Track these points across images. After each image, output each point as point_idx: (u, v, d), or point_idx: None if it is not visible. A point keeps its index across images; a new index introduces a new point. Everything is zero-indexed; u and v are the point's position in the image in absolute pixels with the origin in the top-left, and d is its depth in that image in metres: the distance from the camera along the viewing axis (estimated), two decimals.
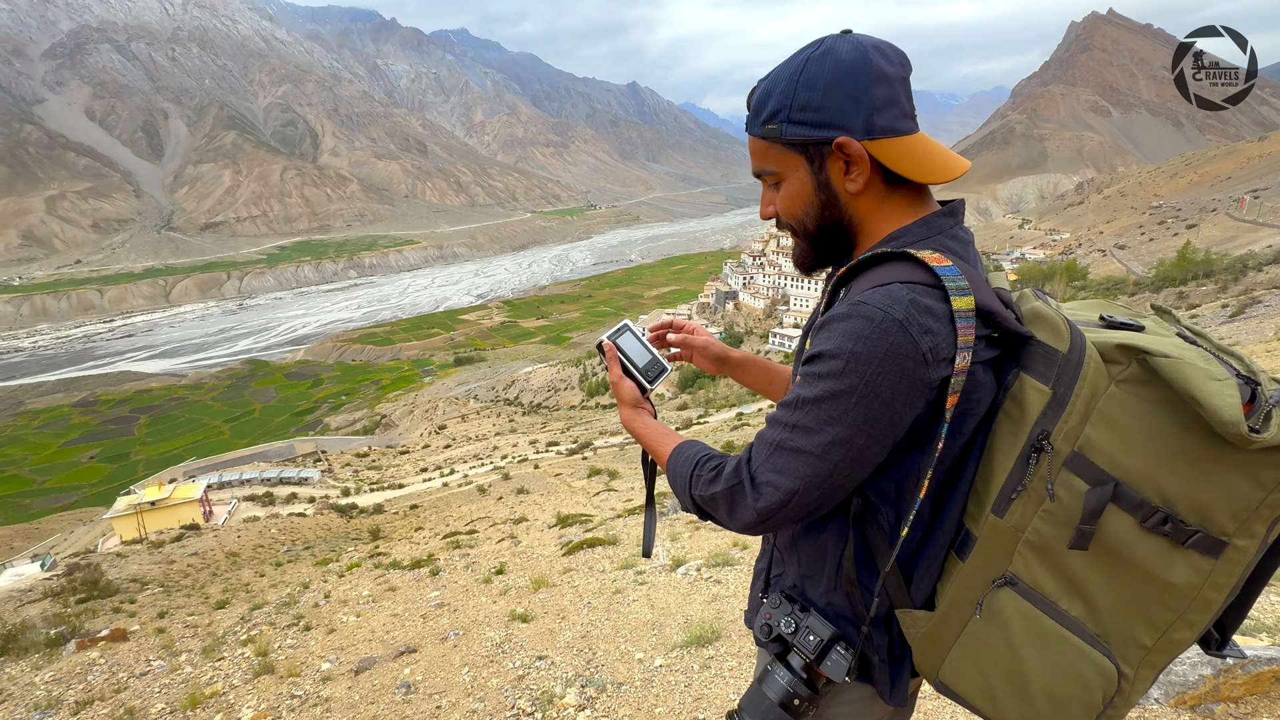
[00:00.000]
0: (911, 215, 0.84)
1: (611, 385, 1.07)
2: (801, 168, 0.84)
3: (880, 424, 0.73)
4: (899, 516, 0.80)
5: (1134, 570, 0.68)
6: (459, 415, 56.90)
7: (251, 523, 23.03)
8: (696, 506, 0.87)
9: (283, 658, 4.95)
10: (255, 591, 9.81)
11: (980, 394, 0.75)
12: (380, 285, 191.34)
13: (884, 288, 0.74)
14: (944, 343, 0.72)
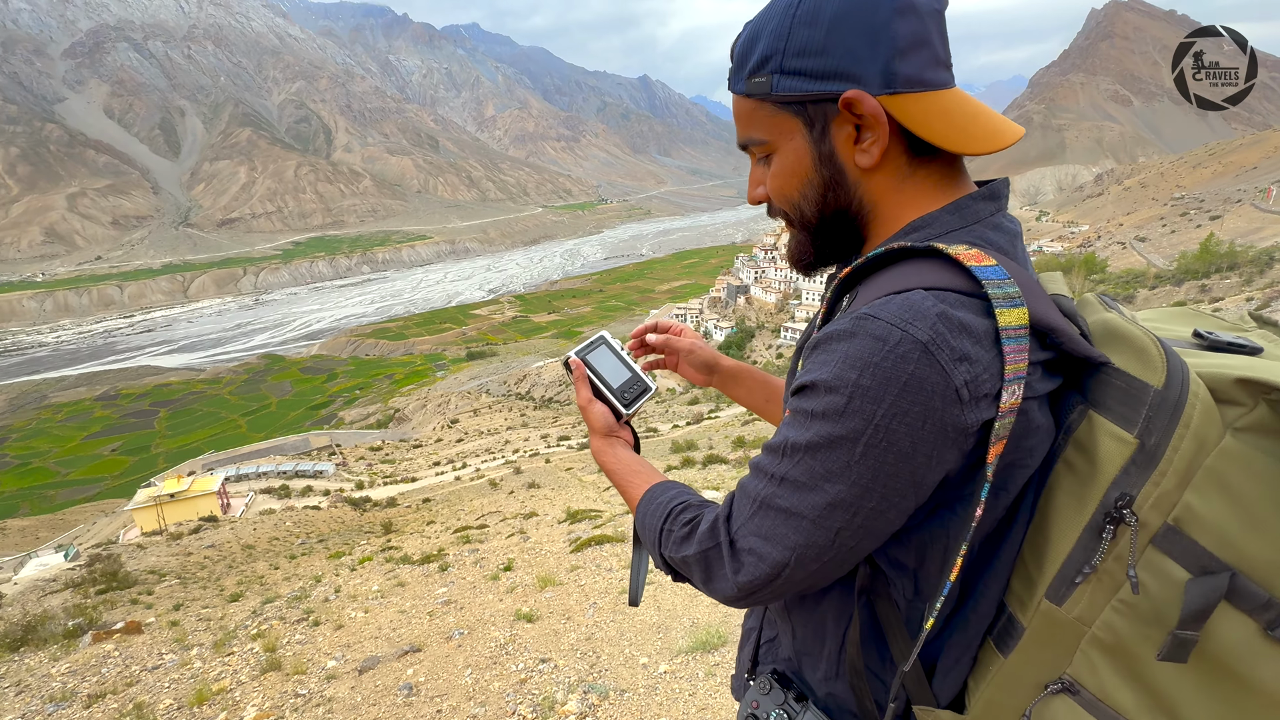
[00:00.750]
0: (940, 198, 0.64)
1: (580, 410, 0.88)
2: (798, 135, 0.65)
3: (896, 483, 0.55)
4: (917, 590, 0.62)
5: (1253, 694, 0.48)
6: (471, 409, 57.25)
7: (267, 515, 23.36)
8: (668, 566, 0.71)
9: (290, 654, 4.96)
10: (269, 584, 9.91)
11: (1035, 440, 0.56)
12: (393, 280, 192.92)
13: (902, 296, 0.55)
14: (986, 373, 0.53)
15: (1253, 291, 27.63)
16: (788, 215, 0.71)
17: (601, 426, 0.86)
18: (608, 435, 0.86)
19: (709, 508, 0.70)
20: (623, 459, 0.84)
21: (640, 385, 0.91)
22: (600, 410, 0.86)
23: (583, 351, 0.91)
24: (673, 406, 41.86)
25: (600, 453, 0.86)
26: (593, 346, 0.93)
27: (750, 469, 0.64)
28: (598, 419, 0.86)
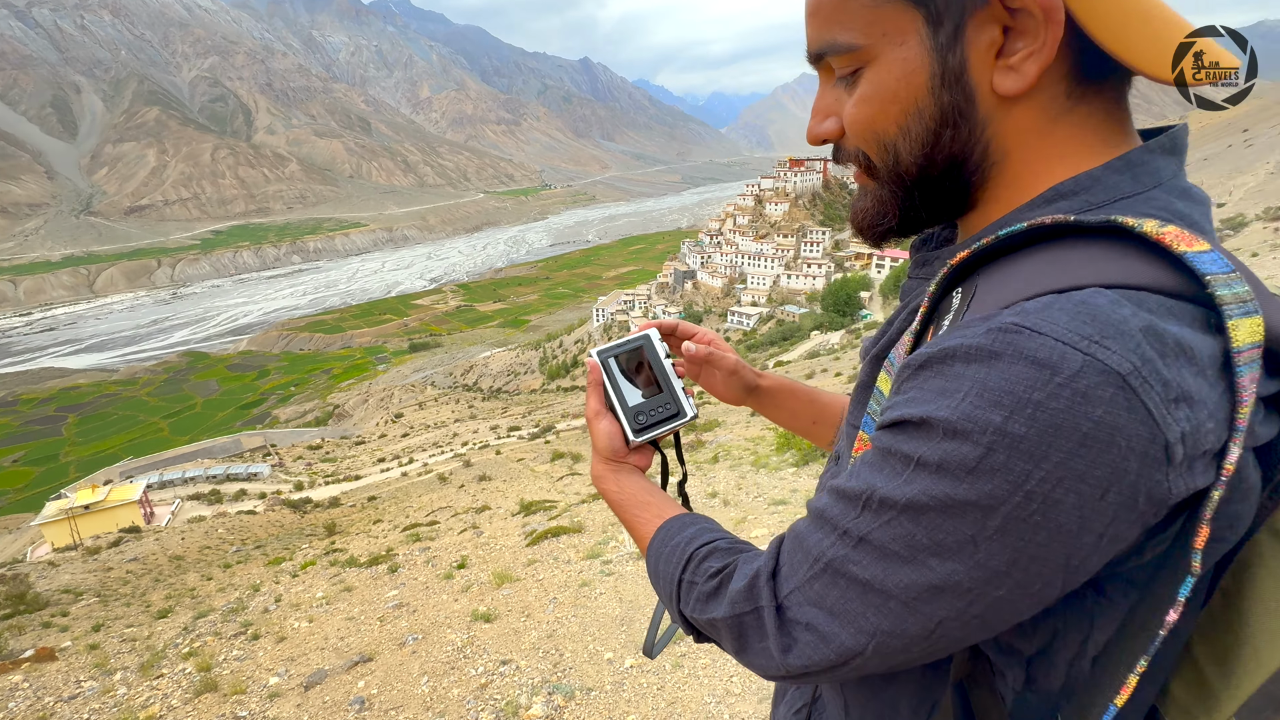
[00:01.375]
0: (1103, 149, 0.46)
1: (587, 421, 0.72)
2: (911, 38, 0.45)
3: (1042, 567, 0.38)
4: (1031, 681, 0.46)
5: None
6: (416, 403, 55.56)
7: (197, 523, 21.99)
8: (689, 626, 0.57)
9: (227, 672, 4.64)
10: (201, 597, 9.31)
11: (1244, 505, 0.40)
12: (327, 270, 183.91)
13: (1072, 298, 0.37)
14: (1211, 420, 0.36)
15: None
16: (869, 160, 0.51)
17: (604, 447, 0.70)
18: (611, 460, 0.70)
19: (744, 554, 0.55)
20: (627, 487, 0.68)
21: (668, 408, 0.71)
22: (607, 428, 0.70)
23: (608, 351, 0.73)
24: None
25: (599, 479, 0.71)
26: (624, 349, 0.73)
27: (811, 515, 0.48)
28: (601, 437, 0.70)
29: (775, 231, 76.36)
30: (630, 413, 0.69)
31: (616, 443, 0.69)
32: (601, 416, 0.70)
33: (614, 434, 0.69)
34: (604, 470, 0.71)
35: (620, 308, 77.73)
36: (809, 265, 68.81)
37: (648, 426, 0.69)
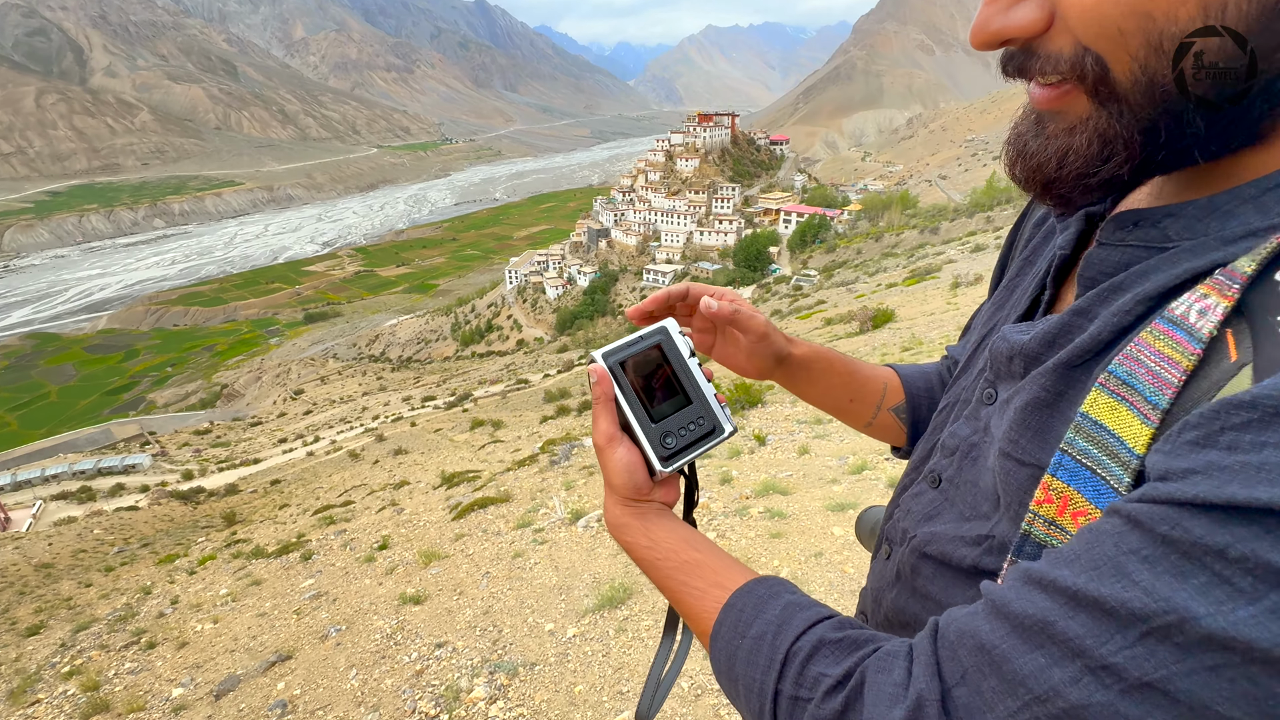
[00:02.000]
0: None
1: (596, 450, 0.56)
2: None
3: None
4: None
5: None
6: (317, 377, 51.92)
7: (66, 525, 19.65)
8: None
9: (120, 689, 4.20)
10: (79, 607, 8.36)
11: None
12: (199, 236, 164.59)
13: None
14: None
15: None
16: (1103, 68, 0.34)
17: (623, 484, 0.53)
18: (631, 502, 0.54)
19: (867, 649, 0.40)
20: (661, 539, 0.52)
21: (701, 423, 0.56)
22: (625, 458, 0.53)
23: (617, 354, 0.55)
24: (541, 356, 41.31)
25: (621, 529, 0.54)
26: (637, 349, 0.56)
27: (1004, 615, 0.33)
28: (618, 470, 0.53)
29: (687, 188, 76.68)
30: (655, 435, 0.54)
31: (639, 476, 0.53)
32: (616, 443, 0.53)
33: (634, 465, 0.53)
34: (626, 516, 0.54)
35: (534, 269, 75.73)
36: (720, 221, 69.97)
37: (679, 450, 0.54)
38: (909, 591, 0.52)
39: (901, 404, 0.73)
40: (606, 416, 0.53)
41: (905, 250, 34.55)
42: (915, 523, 0.53)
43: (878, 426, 0.74)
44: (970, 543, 0.44)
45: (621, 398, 0.53)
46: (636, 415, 0.53)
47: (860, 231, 54.32)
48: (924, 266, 21.56)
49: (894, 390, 0.74)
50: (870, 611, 0.60)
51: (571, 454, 7.91)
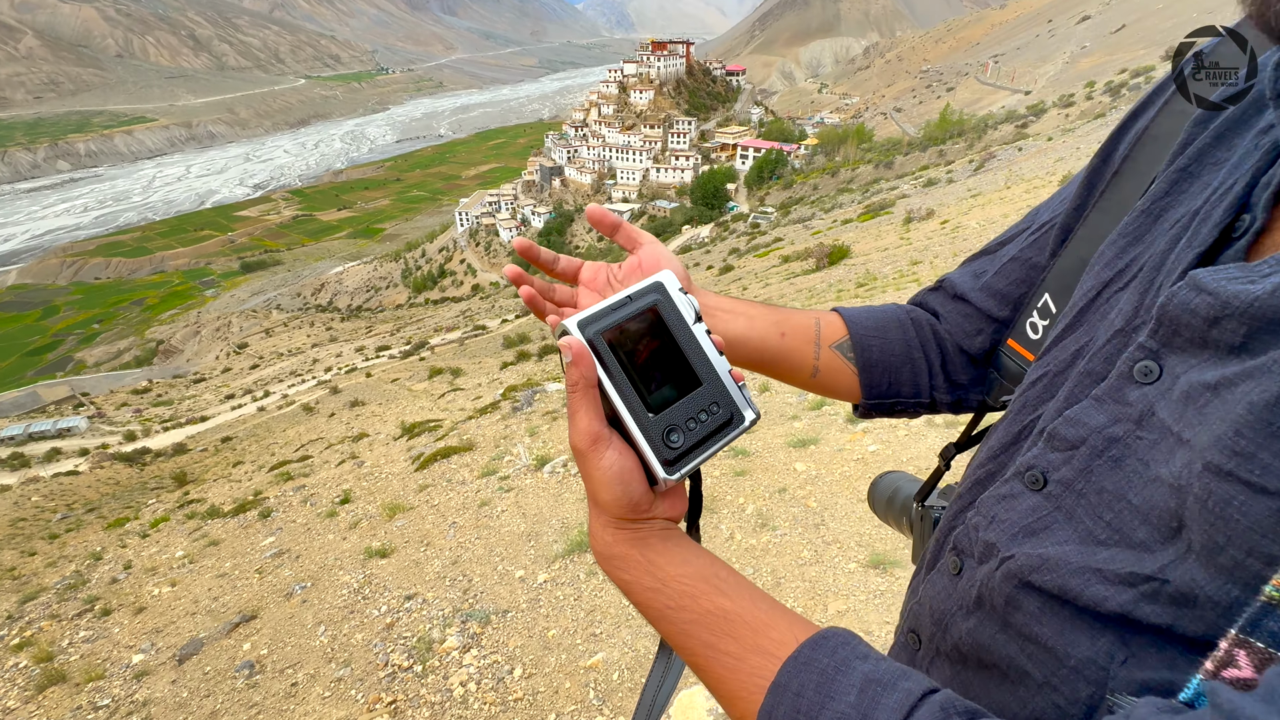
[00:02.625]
0: None
1: (575, 453, 0.42)
2: None
3: None
4: None
5: None
6: (261, 330, 49.56)
7: (1, 493, 18.65)
8: None
9: (76, 658, 4.07)
10: (24, 577, 8.03)
11: None
12: (112, 179, 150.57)
13: None
14: None
15: (973, 154, 33.58)
16: None
17: (615, 499, 0.40)
18: (627, 524, 0.41)
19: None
20: (673, 579, 0.40)
21: (718, 410, 0.43)
22: (614, 464, 0.40)
23: (597, 321, 0.42)
24: (498, 301, 40.33)
25: (614, 561, 0.42)
26: (626, 315, 0.43)
27: None
28: (607, 482, 0.40)
29: (642, 122, 74.00)
30: (656, 430, 0.41)
31: (636, 487, 0.40)
32: (603, 444, 0.39)
33: (629, 473, 0.40)
34: (621, 545, 0.41)
35: (485, 210, 72.83)
36: (676, 157, 68.28)
37: (689, 449, 0.41)
38: (998, 625, 0.39)
39: (845, 340, 0.64)
40: (588, 409, 0.39)
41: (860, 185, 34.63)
42: (1008, 537, 0.39)
43: (824, 372, 0.63)
44: (1115, 581, 0.32)
45: (608, 382, 0.40)
46: (630, 405, 0.40)
47: (816, 167, 54.04)
48: (878, 202, 21.70)
49: (832, 326, 0.65)
50: (927, 635, 0.47)
51: (534, 399, 7.85)
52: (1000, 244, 0.64)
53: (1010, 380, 0.60)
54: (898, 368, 0.64)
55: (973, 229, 12.25)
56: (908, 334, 0.65)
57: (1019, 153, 25.60)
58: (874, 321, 0.65)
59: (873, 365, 0.63)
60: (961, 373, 0.64)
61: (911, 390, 0.64)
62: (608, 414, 0.41)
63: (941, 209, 16.57)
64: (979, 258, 0.65)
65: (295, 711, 2.46)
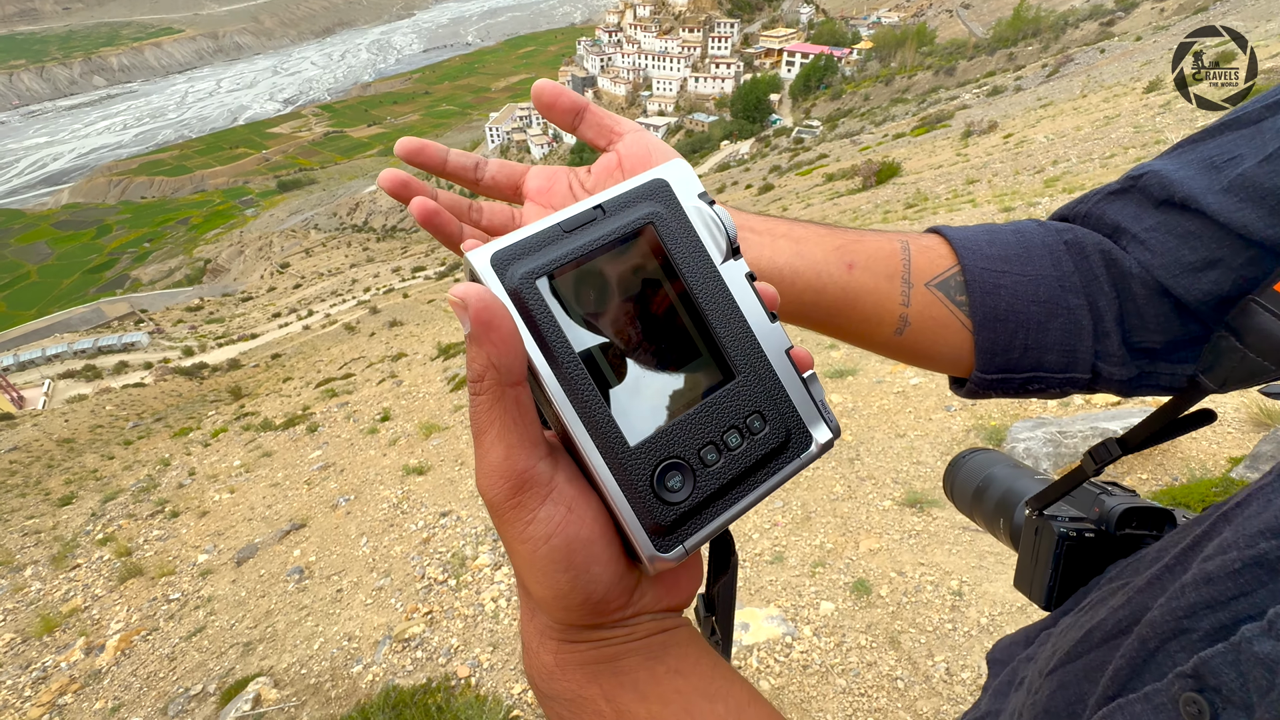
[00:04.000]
0: None
1: (490, 508, 0.24)
2: None
3: None
4: None
5: None
6: (301, 250, 50.53)
7: (79, 402, 20.22)
8: None
9: (151, 555, 4.46)
10: (105, 478, 8.79)
11: None
12: (147, 94, 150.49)
13: None
14: None
15: (1048, 58, 30.27)
16: None
17: (557, 598, 0.24)
18: (586, 633, 0.26)
19: None
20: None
21: (764, 424, 0.26)
22: (552, 534, 0.24)
23: (528, 257, 0.25)
24: None
25: (560, 706, 0.26)
26: (590, 237, 0.26)
27: None
28: (542, 567, 0.24)
29: (680, 25, 68.85)
30: (642, 464, 0.25)
31: (600, 574, 0.25)
32: (534, 494, 0.24)
33: (585, 546, 0.24)
34: (570, 676, 0.26)
35: (516, 125, 70.50)
36: (717, 65, 63.87)
37: (704, 502, 0.26)
38: None
39: (952, 274, 0.43)
40: (506, 427, 0.23)
41: (917, 95, 31.98)
42: None
43: (917, 327, 0.43)
44: None
45: (549, 375, 0.24)
46: (591, 418, 0.24)
47: (869, 74, 49.91)
48: (935, 114, 20.05)
49: (929, 254, 0.44)
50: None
51: None
52: (1268, 108, 0.38)
53: (1262, 349, 0.36)
54: (1042, 322, 0.42)
55: (1039, 144, 11.22)
56: (1061, 267, 0.43)
57: (1100, 55, 22.97)
58: (1002, 247, 0.44)
59: (1000, 317, 0.42)
60: (1155, 332, 0.41)
61: (1061, 359, 0.42)
62: (558, 431, 0.25)
63: (1006, 121, 15.17)
64: (1217, 135, 0.40)
65: (340, 615, 2.63)
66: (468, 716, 1.87)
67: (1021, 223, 0.46)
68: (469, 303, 0.21)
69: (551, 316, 0.23)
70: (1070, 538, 0.46)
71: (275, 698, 2.31)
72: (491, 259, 0.23)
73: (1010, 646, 0.45)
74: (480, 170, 0.39)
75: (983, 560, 2.10)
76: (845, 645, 1.91)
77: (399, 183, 0.35)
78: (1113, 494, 0.48)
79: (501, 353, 0.21)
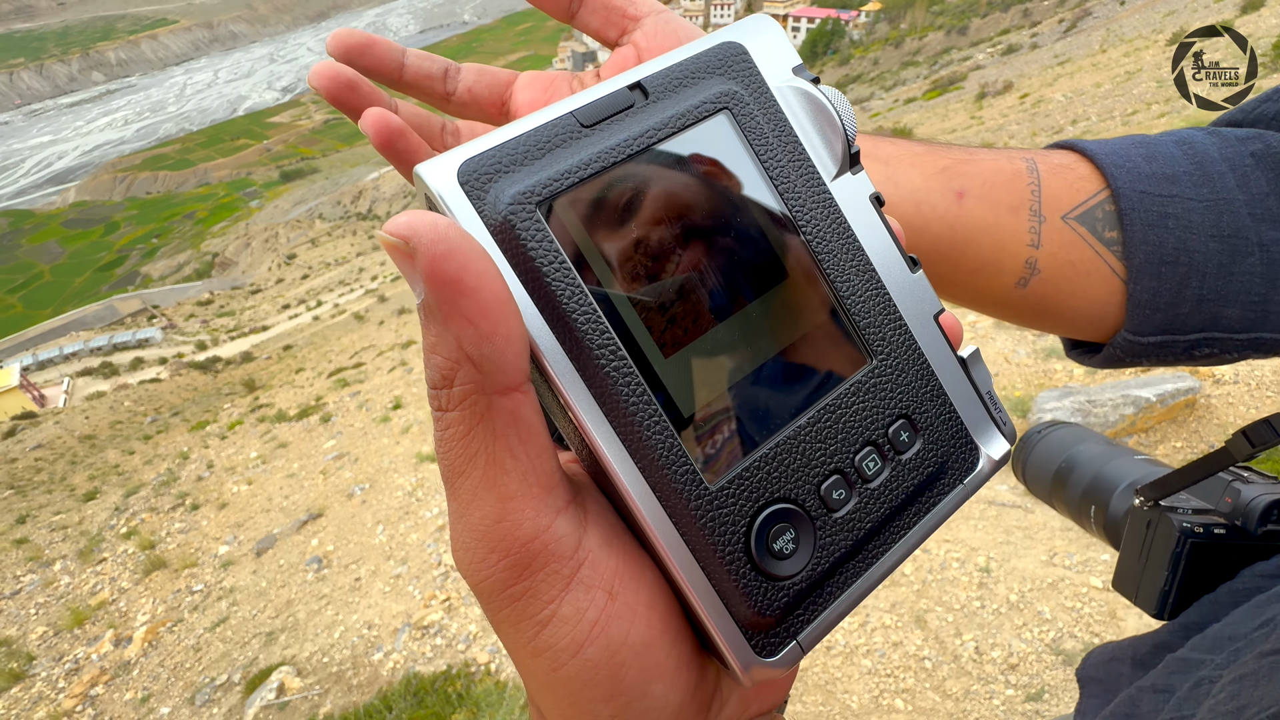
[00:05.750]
0: None
1: (471, 585, 0.15)
2: None
3: None
4: None
5: None
6: (307, 240, 50.66)
7: (98, 399, 20.59)
8: None
9: (173, 547, 4.53)
10: (127, 473, 8.94)
11: None
12: (146, 88, 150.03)
13: None
14: None
15: (1064, 12, 29.22)
16: None
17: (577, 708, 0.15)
18: None
19: None
20: None
21: (911, 436, 0.17)
22: (587, 642, 0.14)
23: (521, 171, 0.15)
24: None
25: None
26: (623, 135, 0.15)
27: None
28: (573, 690, 0.15)
29: None
30: (731, 516, 0.15)
31: (661, 695, 0.15)
32: (556, 570, 0.15)
33: (636, 657, 0.15)
34: None
35: None
36: None
37: (831, 568, 0.16)
38: None
39: (1100, 202, 0.33)
40: (496, 462, 0.14)
41: (928, 57, 31.10)
42: None
43: (1049, 274, 0.33)
44: None
45: (565, 369, 0.15)
46: (639, 436, 0.15)
47: (878, 37, 48.59)
48: (947, 76, 19.49)
49: (1065, 176, 0.34)
50: None
51: None
52: None
53: None
54: (1224, 265, 0.32)
55: (1057, 103, 10.85)
56: (1251, 188, 0.32)
57: (1120, 7, 22.12)
58: (1165, 163, 0.34)
59: (1167, 259, 0.32)
60: None
61: (1246, 315, 0.32)
62: (583, 456, 0.17)
63: (1021, 81, 14.69)
64: None
65: (360, 604, 2.64)
66: (488, 703, 1.86)
67: (1184, 131, 0.35)
68: (418, 244, 0.12)
69: (568, 268, 0.14)
70: (1196, 534, 0.38)
71: (298, 686, 2.33)
72: (459, 173, 0.14)
73: (1112, 664, 0.37)
74: (451, 79, 0.30)
75: (1010, 536, 2.04)
76: (870, 625, 1.87)
77: (341, 83, 0.26)
78: (1251, 482, 0.40)
79: (484, 334, 0.13)
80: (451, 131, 0.30)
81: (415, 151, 0.26)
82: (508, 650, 0.15)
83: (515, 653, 0.15)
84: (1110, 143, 0.35)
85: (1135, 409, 1.80)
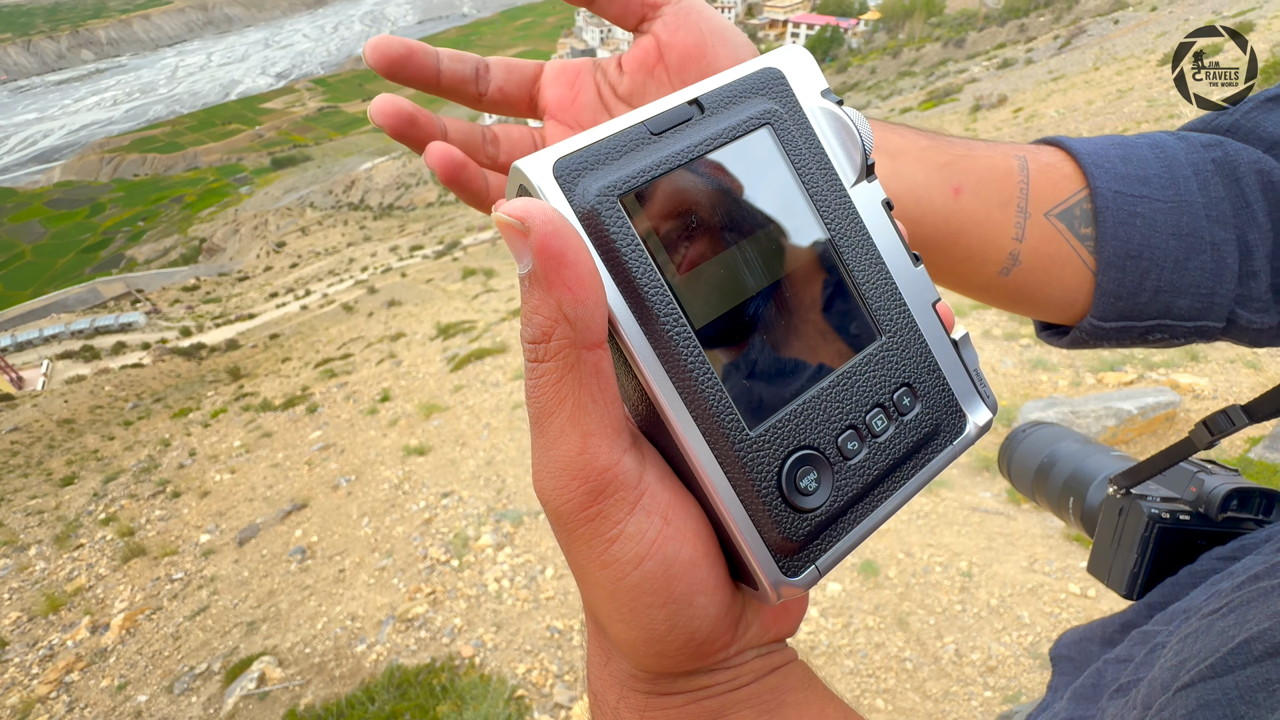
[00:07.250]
0: None
1: (549, 512, 0.18)
2: None
3: None
4: None
5: None
6: (297, 229, 50.13)
7: (78, 383, 20.23)
8: None
9: (153, 534, 4.47)
10: (106, 459, 8.81)
11: None
12: (137, 69, 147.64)
13: None
14: None
15: (1060, 29, 29.66)
16: None
17: (651, 641, 0.19)
18: (683, 680, 0.21)
19: None
20: None
21: (912, 401, 0.22)
22: (647, 554, 0.18)
23: (604, 168, 0.19)
24: None
25: None
26: (684, 143, 0.19)
27: None
28: (632, 599, 0.18)
29: None
30: (765, 455, 0.19)
31: (704, 606, 0.19)
32: (622, 497, 0.18)
33: (687, 569, 0.19)
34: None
35: None
36: None
37: (846, 505, 0.20)
38: None
39: (1078, 200, 0.37)
40: (582, 404, 0.18)
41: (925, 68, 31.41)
42: None
43: (1029, 265, 0.36)
44: None
45: (636, 334, 0.18)
46: (695, 391, 0.19)
47: (876, 46, 49.05)
48: (943, 87, 19.69)
49: (1049, 174, 0.37)
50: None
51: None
52: None
53: None
54: (1180, 261, 0.36)
55: (1050, 118, 11.01)
56: (1209, 192, 0.36)
57: (1114, 26, 22.49)
58: (1139, 165, 0.37)
59: (1132, 254, 0.36)
60: None
61: (1195, 305, 0.36)
62: (640, 416, 0.20)
63: (1016, 95, 14.89)
64: None
65: (343, 595, 2.63)
66: (472, 696, 1.87)
67: (1157, 135, 0.38)
68: (531, 225, 0.15)
69: (642, 250, 0.17)
70: (1164, 520, 0.41)
71: (279, 676, 2.32)
72: (554, 168, 0.17)
73: (1082, 643, 0.40)
74: (483, 80, 0.31)
75: (992, 541, 2.08)
76: (853, 626, 1.89)
77: (403, 119, 0.27)
78: (1213, 473, 0.44)
79: (579, 299, 0.16)
80: (491, 140, 0.31)
81: (474, 179, 0.29)
82: (575, 567, 0.18)
83: (585, 567, 0.18)
84: (1093, 141, 0.38)
85: (1117, 420, 1.85)
